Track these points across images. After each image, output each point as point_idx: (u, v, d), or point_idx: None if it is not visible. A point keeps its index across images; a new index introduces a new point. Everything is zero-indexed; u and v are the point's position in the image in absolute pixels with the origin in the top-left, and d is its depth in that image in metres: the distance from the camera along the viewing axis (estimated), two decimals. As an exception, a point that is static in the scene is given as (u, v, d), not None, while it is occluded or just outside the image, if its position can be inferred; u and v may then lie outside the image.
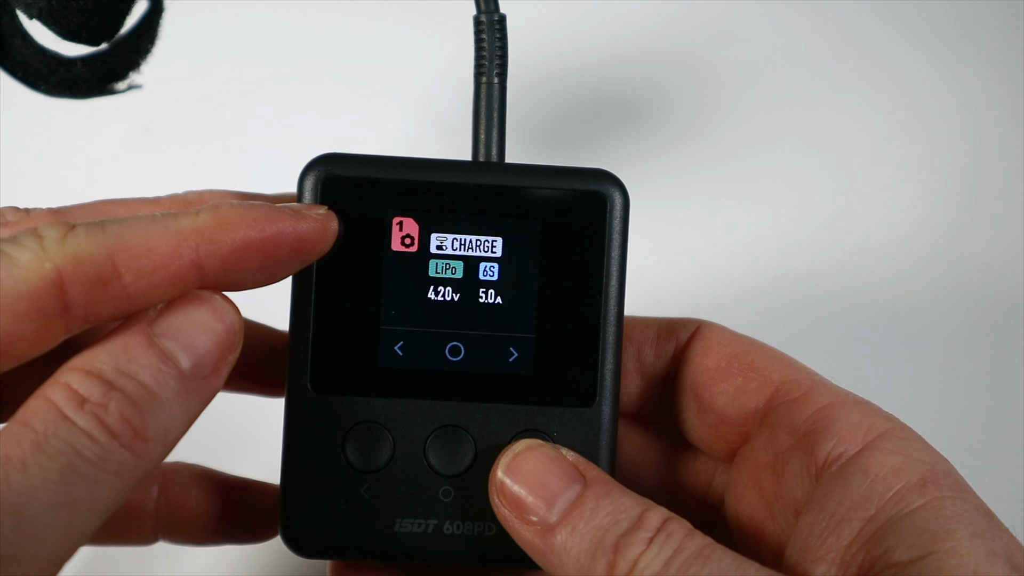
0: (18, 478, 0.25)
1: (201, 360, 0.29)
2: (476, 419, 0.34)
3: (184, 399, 0.28)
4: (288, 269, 0.32)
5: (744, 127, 0.62)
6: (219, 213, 0.30)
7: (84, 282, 0.27)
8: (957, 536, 0.28)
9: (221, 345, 0.29)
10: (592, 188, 0.35)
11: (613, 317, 0.35)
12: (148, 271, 0.28)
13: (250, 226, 0.30)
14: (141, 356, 0.28)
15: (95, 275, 0.28)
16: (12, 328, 0.27)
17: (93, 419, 0.26)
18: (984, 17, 0.63)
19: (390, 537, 0.34)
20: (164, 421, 0.28)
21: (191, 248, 0.29)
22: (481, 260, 0.34)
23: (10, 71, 0.42)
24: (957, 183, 0.62)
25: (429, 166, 0.34)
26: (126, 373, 0.27)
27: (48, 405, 0.26)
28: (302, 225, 0.31)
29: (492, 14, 0.35)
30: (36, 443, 0.26)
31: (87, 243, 0.28)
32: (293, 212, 0.31)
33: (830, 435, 0.32)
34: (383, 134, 0.61)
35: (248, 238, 0.30)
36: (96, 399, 0.27)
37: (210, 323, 0.29)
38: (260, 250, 0.30)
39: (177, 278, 0.29)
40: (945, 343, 0.61)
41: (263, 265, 0.30)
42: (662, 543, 0.29)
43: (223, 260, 0.29)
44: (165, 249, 0.28)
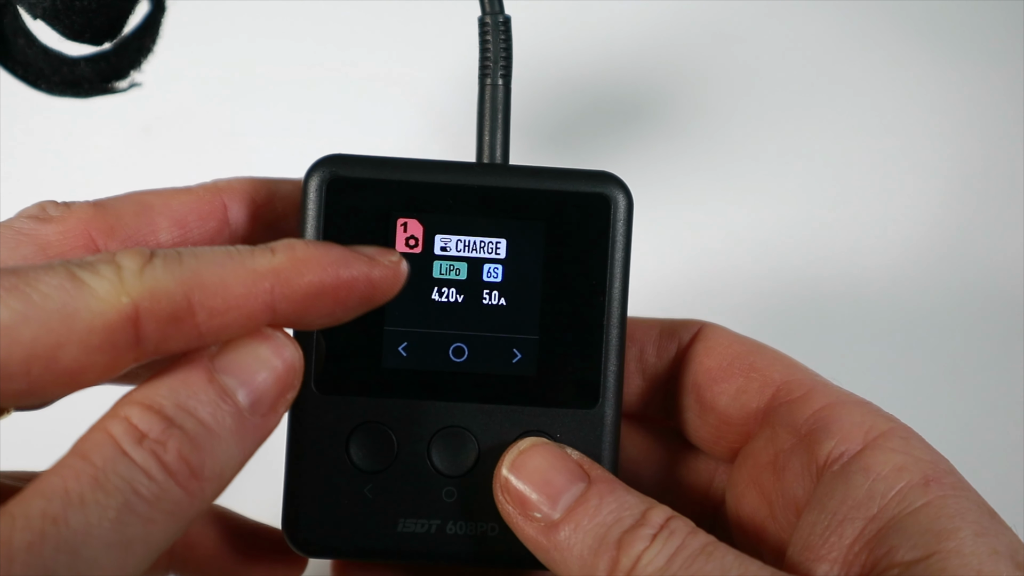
0: (76, 515, 0.25)
1: (260, 398, 0.28)
2: (479, 420, 0.34)
3: (240, 437, 0.28)
4: (354, 312, 0.31)
5: (746, 129, 0.62)
6: (295, 254, 0.29)
7: (158, 319, 0.27)
8: (960, 535, 0.28)
9: (280, 383, 0.29)
10: (596, 190, 0.35)
11: (616, 319, 0.35)
12: (222, 311, 0.28)
13: (325, 270, 0.29)
14: (201, 392, 0.27)
15: (170, 312, 0.27)
16: (83, 359, 0.26)
17: (152, 456, 0.26)
18: (986, 17, 0.63)
19: (393, 537, 0.34)
20: (220, 460, 0.27)
21: (266, 290, 0.28)
22: (485, 262, 0.34)
23: (11, 70, 0.42)
24: (959, 183, 0.62)
25: (434, 167, 0.34)
26: (185, 409, 0.27)
27: (107, 439, 0.26)
28: (375, 272, 0.30)
29: (497, 15, 0.35)
30: (95, 479, 0.25)
31: (164, 277, 0.27)
32: (368, 258, 0.30)
33: (831, 434, 0.32)
34: (386, 135, 0.61)
35: (323, 282, 0.29)
36: (155, 435, 0.26)
37: (271, 359, 0.29)
38: (333, 295, 0.29)
39: (249, 319, 0.28)
40: (946, 344, 0.61)
41: (333, 309, 0.30)
42: (665, 540, 0.29)
43: (295, 303, 0.29)
44: (241, 289, 0.28)
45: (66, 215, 0.34)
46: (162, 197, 0.35)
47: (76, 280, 0.26)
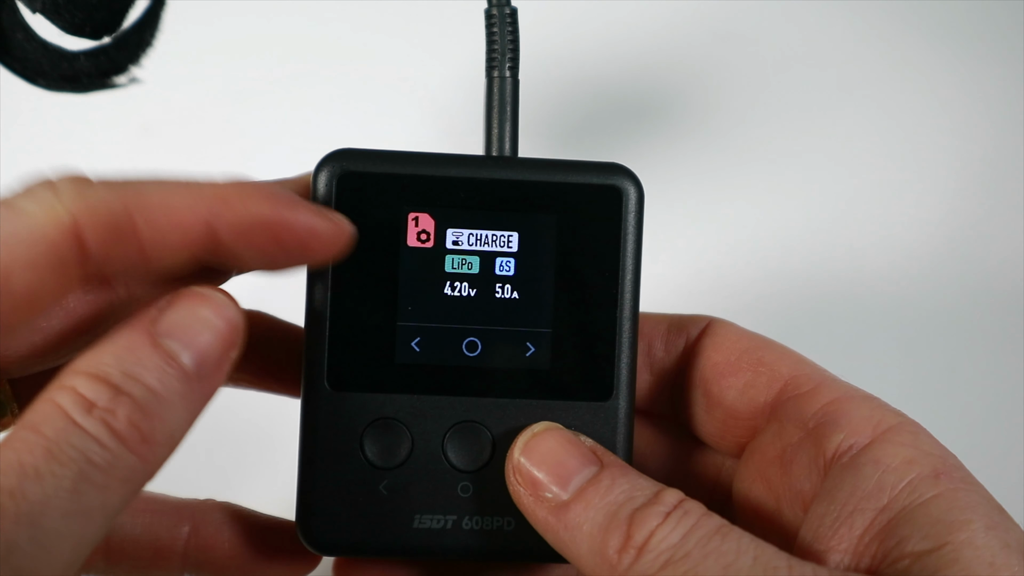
0: (33, 487, 0.25)
1: (204, 359, 0.28)
2: (493, 414, 0.34)
3: (188, 399, 0.28)
4: (291, 260, 0.31)
5: (754, 126, 0.62)
6: (241, 186, 0.30)
7: (100, 232, 0.27)
8: (972, 527, 0.28)
9: (224, 342, 0.29)
10: (608, 182, 0.35)
11: (629, 311, 0.35)
12: (164, 227, 0.28)
13: (268, 203, 0.30)
14: (145, 357, 0.27)
15: (112, 224, 0.28)
16: (34, 279, 0.27)
17: (102, 424, 0.26)
18: (991, 18, 0.63)
19: (409, 533, 0.34)
20: (170, 423, 0.27)
21: (207, 209, 0.29)
22: (497, 255, 0.34)
23: (8, 66, 0.42)
24: (968, 182, 0.63)
25: (444, 161, 0.34)
26: (132, 376, 0.27)
27: (57, 410, 0.26)
28: (317, 220, 0.31)
29: (503, 7, 0.35)
30: (48, 450, 0.25)
31: (105, 194, 0.28)
32: (313, 207, 0.31)
33: (840, 428, 0.32)
34: (389, 133, 0.60)
35: (263, 214, 0.29)
36: (104, 404, 0.26)
37: (212, 320, 0.29)
38: (271, 230, 0.30)
39: (190, 237, 0.29)
40: (953, 342, 0.61)
41: (270, 247, 0.30)
42: (679, 518, 0.29)
43: (235, 230, 0.29)
44: (182, 206, 0.28)
45: None
46: None
47: (12, 207, 0.27)
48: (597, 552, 0.30)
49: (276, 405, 0.39)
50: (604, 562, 0.29)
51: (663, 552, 0.29)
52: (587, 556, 0.30)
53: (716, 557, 0.28)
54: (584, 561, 0.30)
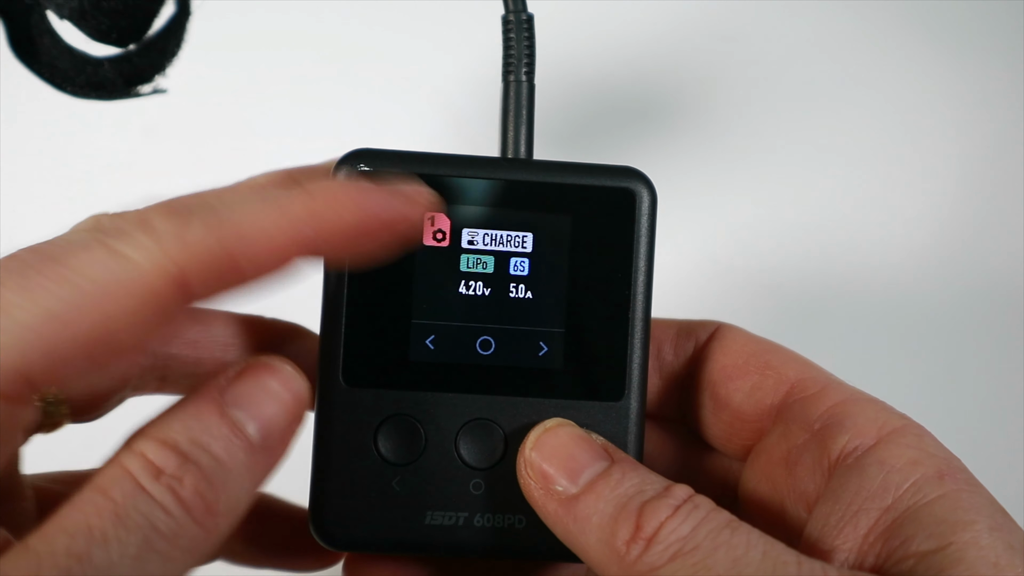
0: (99, 552, 0.25)
1: (270, 431, 0.28)
2: (506, 412, 0.34)
3: (251, 471, 0.28)
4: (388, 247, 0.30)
5: (759, 125, 0.63)
6: (329, 194, 0.28)
7: (203, 276, 0.26)
8: (976, 528, 0.29)
9: (289, 415, 0.29)
10: (622, 185, 0.35)
11: (641, 312, 0.35)
12: (264, 258, 0.27)
13: (357, 208, 0.28)
14: (214, 427, 0.27)
15: (214, 268, 0.27)
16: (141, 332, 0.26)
17: (169, 492, 0.26)
18: (992, 16, 0.64)
19: (421, 530, 0.34)
20: (234, 494, 0.27)
21: (301, 231, 0.28)
22: (512, 255, 0.35)
23: (38, 72, 0.43)
24: (967, 181, 0.63)
25: (461, 162, 0.35)
26: (199, 444, 0.27)
27: (125, 475, 0.26)
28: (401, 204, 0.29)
29: (520, 13, 0.36)
30: (116, 515, 0.25)
31: (204, 236, 0.26)
32: (388, 191, 0.29)
33: (845, 430, 0.32)
34: (405, 133, 0.61)
35: (355, 220, 0.28)
36: (172, 471, 0.26)
37: (279, 392, 0.29)
38: (365, 231, 0.29)
39: (289, 259, 0.28)
40: (958, 343, 0.61)
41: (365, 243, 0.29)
42: (689, 511, 0.29)
43: (333, 244, 0.28)
44: (280, 237, 0.27)
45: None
46: None
47: (115, 254, 0.26)
48: (606, 543, 0.30)
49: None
50: (613, 553, 0.29)
51: (672, 544, 0.29)
52: (596, 547, 0.30)
53: (726, 550, 0.28)
54: (593, 553, 0.30)
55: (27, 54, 0.42)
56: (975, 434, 0.57)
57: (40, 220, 0.39)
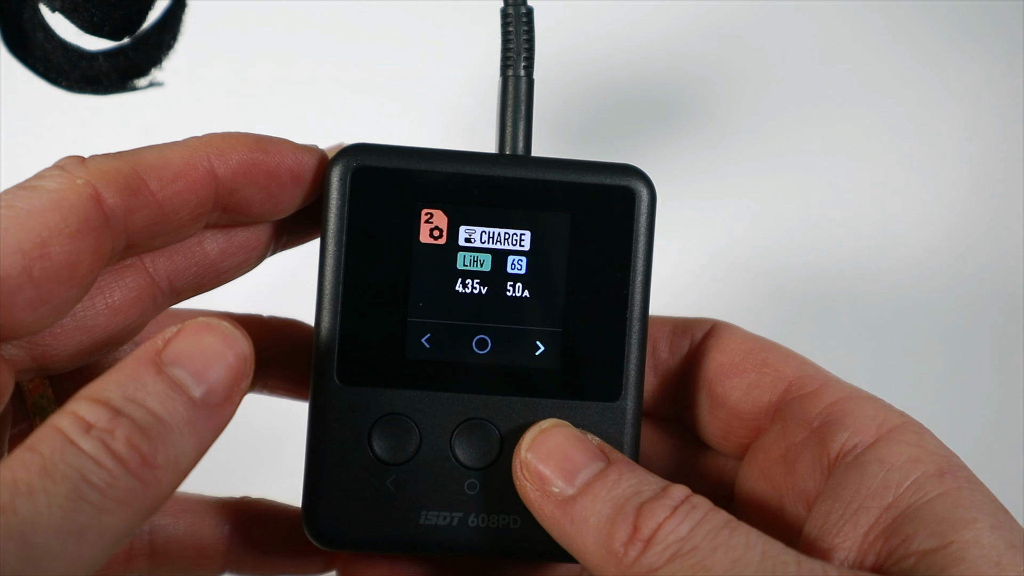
0: (24, 503, 0.25)
1: (212, 388, 0.28)
2: (502, 412, 0.34)
3: (195, 427, 0.28)
4: (291, 196, 0.33)
5: (761, 124, 0.62)
6: (226, 134, 0.32)
7: (117, 190, 0.30)
8: (978, 526, 0.28)
9: (233, 372, 0.29)
10: (621, 183, 0.35)
11: (639, 312, 0.35)
12: (170, 179, 0.31)
13: (254, 144, 0.32)
14: (149, 383, 0.27)
15: (124, 183, 0.30)
16: (71, 247, 0.28)
17: (99, 444, 0.26)
18: (1000, 18, 0.64)
19: (415, 529, 0.34)
20: (174, 449, 0.27)
21: (204, 158, 0.31)
22: (509, 253, 0.34)
23: (31, 67, 0.42)
24: (971, 183, 0.63)
25: (459, 158, 0.34)
26: (133, 400, 0.27)
27: (55, 432, 0.26)
28: (301, 153, 0.33)
29: (519, 7, 0.35)
30: (43, 467, 0.25)
31: (108, 161, 0.30)
32: (292, 143, 0.33)
33: (844, 427, 0.32)
34: (403, 128, 0.61)
35: (254, 156, 0.32)
36: (103, 425, 0.26)
37: (221, 350, 0.29)
38: (265, 168, 0.32)
39: (197, 184, 0.31)
40: (955, 342, 0.61)
41: (268, 183, 0.32)
42: (687, 512, 0.29)
43: (233, 171, 0.32)
44: (180, 160, 0.31)
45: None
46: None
47: (28, 187, 0.29)
48: (603, 544, 0.29)
49: (283, 399, 0.39)
50: (610, 555, 0.29)
51: (671, 545, 0.28)
52: (593, 549, 0.30)
53: (725, 551, 0.28)
54: (590, 554, 0.30)
55: (20, 48, 0.41)
56: (975, 432, 0.57)
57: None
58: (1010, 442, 0.58)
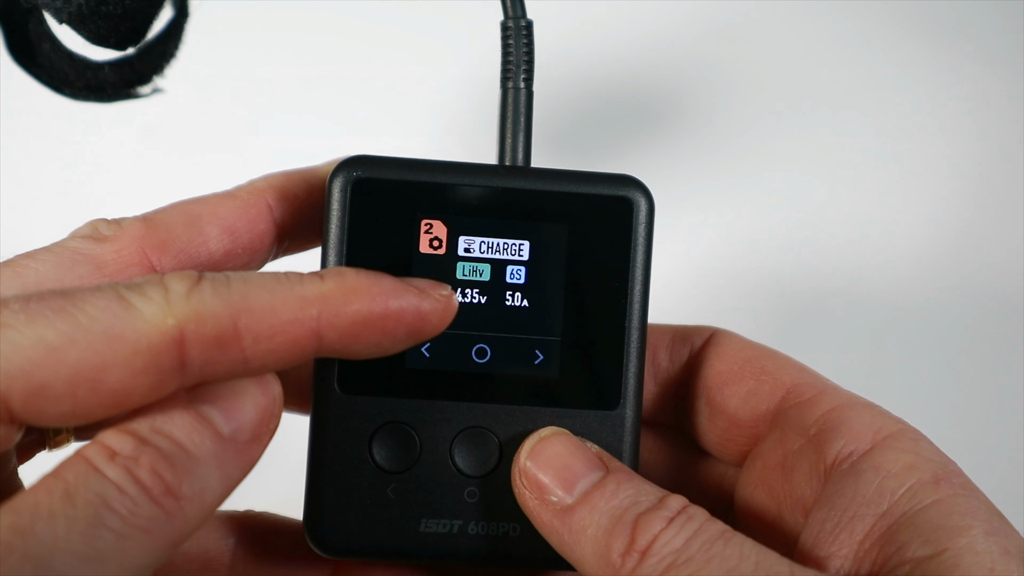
0: (44, 527, 0.25)
1: (241, 426, 0.28)
2: (501, 420, 0.34)
3: (222, 461, 0.28)
4: (403, 345, 0.31)
5: (755, 129, 0.63)
6: (344, 282, 0.29)
7: (204, 342, 0.27)
8: (972, 533, 0.28)
9: (262, 412, 0.29)
10: (619, 193, 0.35)
11: (637, 321, 0.35)
12: (268, 336, 0.28)
13: (375, 299, 0.30)
14: (176, 416, 0.27)
15: (216, 336, 0.27)
16: (128, 382, 0.26)
17: (123, 471, 0.26)
18: (990, 19, 0.64)
19: (415, 537, 0.34)
20: (200, 481, 0.27)
21: (313, 317, 0.28)
22: (508, 263, 0.35)
23: (36, 75, 0.43)
24: (965, 184, 0.63)
25: (458, 169, 0.35)
26: (159, 431, 0.27)
27: (80, 459, 0.26)
28: (425, 304, 0.31)
29: (519, 20, 0.36)
30: (65, 492, 0.25)
31: (212, 301, 0.27)
32: (418, 290, 0.31)
33: (840, 435, 0.32)
34: (402, 139, 0.61)
35: (371, 312, 0.29)
36: (128, 453, 0.26)
37: (252, 391, 0.29)
38: (380, 325, 0.30)
39: (295, 346, 0.28)
40: (952, 346, 0.61)
41: (380, 340, 0.30)
42: (683, 523, 0.30)
43: (342, 332, 0.29)
44: (288, 315, 0.28)
45: (119, 233, 0.33)
46: (208, 205, 0.35)
47: (123, 302, 0.27)
48: (601, 555, 0.30)
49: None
50: (608, 565, 0.29)
51: (666, 556, 0.29)
52: (591, 559, 0.30)
53: (719, 562, 0.28)
54: (588, 564, 0.30)
55: (25, 58, 0.42)
56: (972, 438, 0.57)
57: (40, 224, 0.39)
58: (1008, 447, 0.58)
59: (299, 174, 0.36)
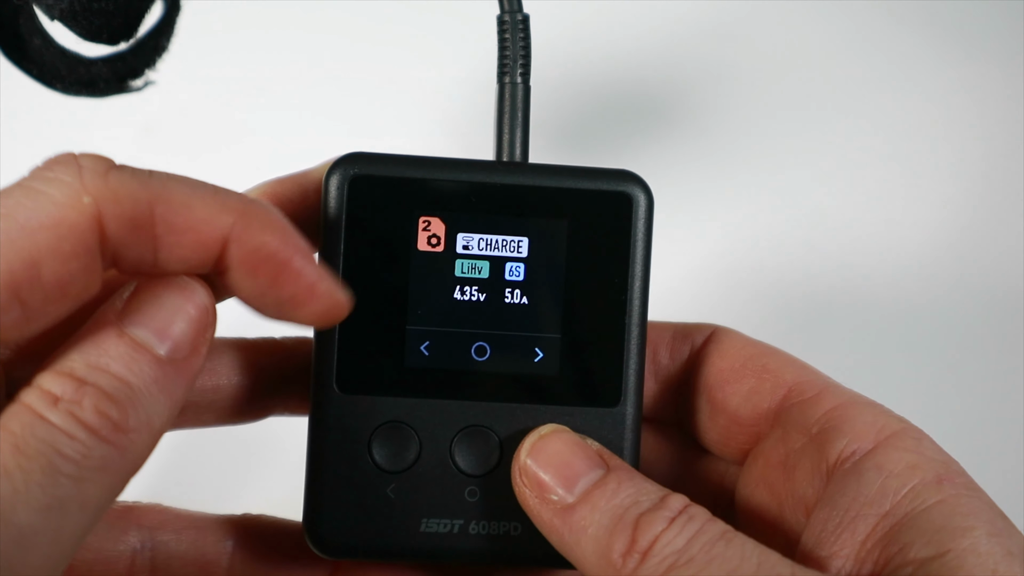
0: (3, 484, 0.24)
1: (176, 343, 0.28)
2: (502, 419, 0.34)
3: (164, 385, 0.27)
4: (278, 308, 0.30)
5: (757, 128, 0.62)
6: (268, 213, 0.29)
7: (120, 221, 0.27)
8: (975, 534, 0.28)
9: (195, 324, 0.28)
10: (618, 189, 0.35)
11: (637, 318, 0.35)
12: (181, 228, 0.27)
13: (286, 245, 0.29)
14: (112, 348, 0.27)
15: (132, 217, 0.27)
16: (62, 269, 0.26)
17: (68, 416, 0.26)
18: (995, 20, 0.63)
19: (416, 537, 0.34)
20: (145, 410, 0.27)
21: (227, 224, 0.28)
22: (507, 260, 0.34)
23: (27, 70, 0.42)
24: (966, 184, 0.62)
25: (456, 166, 0.34)
26: (97, 367, 0.27)
27: (23, 408, 0.26)
28: (321, 284, 0.30)
29: (516, 14, 0.35)
30: (14, 445, 0.25)
31: (131, 182, 0.27)
32: (323, 271, 0.30)
33: (843, 433, 0.32)
34: (400, 135, 0.61)
35: (276, 252, 0.29)
36: (69, 396, 0.26)
37: (180, 304, 0.28)
38: (277, 271, 0.29)
39: (202, 247, 0.28)
40: (957, 347, 0.61)
41: (267, 284, 0.29)
42: (684, 523, 0.29)
43: (244, 252, 0.28)
44: (204, 214, 0.28)
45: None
46: None
47: (33, 191, 0.26)
48: (602, 555, 0.30)
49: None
50: (608, 565, 0.29)
51: (667, 556, 0.29)
52: (591, 559, 0.30)
53: (720, 562, 0.28)
54: (588, 564, 0.30)
55: (16, 53, 0.41)
56: (975, 438, 0.57)
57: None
58: (1010, 447, 0.58)
59: (292, 179, 0.35)
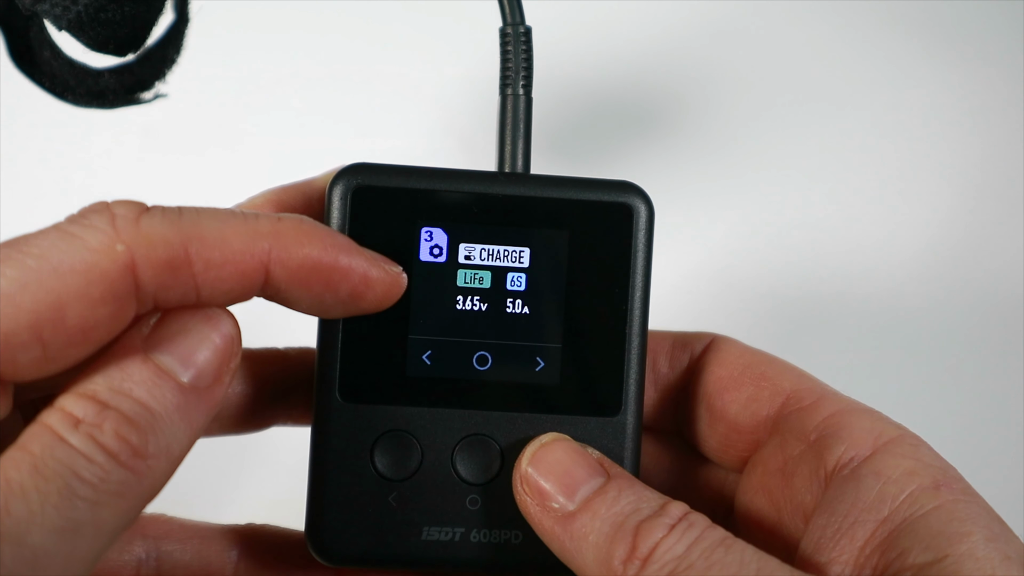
0: (17, 504, 0.24)
1: (200, 371, 0.28)
2: (503, 428, 0.35)
3: (185, 412, 0.28)
4: (342, 307, 0.31)
5: (755, 133, 0.62)
6: (301, 225, 0.29)
7: (155, 266, 0.27)
8: (973, 539, 0.29)
9: (220, 353, 0.29)
10: (619, 200, 0.35)
11: (638, 327, 0.35)
12: (219, 263, 0.28)
13: (326, 248, 0.30)
14: (135, 372, 0.27)
15: (167, 260, 0.27)
16: (89, 314, 0.26)
17: (88, 439, 0.26)
18: (994, 22, 0.63)
19: (417, 545, 0.34)
20: (165, 437, 0.27)
21: (264, 250, 0.29)
22: (509, 270, 0.35)
23: (38, 82, 0.43)
24: (965, 188, 0.62)
25: (458, 176, 0.35)
26: (120, 391, 0.27)
27: (44, 429, 0.26)
28: (373, 271, 0.31)
29: (518, 26, 0.36)
30: (33, 466, 0.25)
31: (162, 226, 0.27)
32: (370, 256, 0.31)
33: (840, 440, 0.32)
34: (401, 146, 0.61)
35: (321, 259, 0.29)
36: (90, 419, 0.26)
37: (206, 332, 0.29)
38: (327, 276, 0.30)
39: (244, 276, 0.28)
40: (957, 351, 0.61)
41: (322, 291, 0.30)
42: (684, 530, 0.30)
43: (290, 272, 0.29)
44: (239, 245, 0.28)
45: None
46: None
47: (67, 236, 0.27)
48: (602, 562, 0.30)
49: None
50: (609, 572, 0.30)
51: (667, 563, 0.29)
52: (592, 566, 0.30)
53: (720, 569, 0.28)
54: (589, 571, 0.30)
55: (27, 64, 0.42)
56: (972, 444, 0.57)
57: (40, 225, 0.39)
58: (1008, 453, 0.58)
59: (295, 187, 0.36)
